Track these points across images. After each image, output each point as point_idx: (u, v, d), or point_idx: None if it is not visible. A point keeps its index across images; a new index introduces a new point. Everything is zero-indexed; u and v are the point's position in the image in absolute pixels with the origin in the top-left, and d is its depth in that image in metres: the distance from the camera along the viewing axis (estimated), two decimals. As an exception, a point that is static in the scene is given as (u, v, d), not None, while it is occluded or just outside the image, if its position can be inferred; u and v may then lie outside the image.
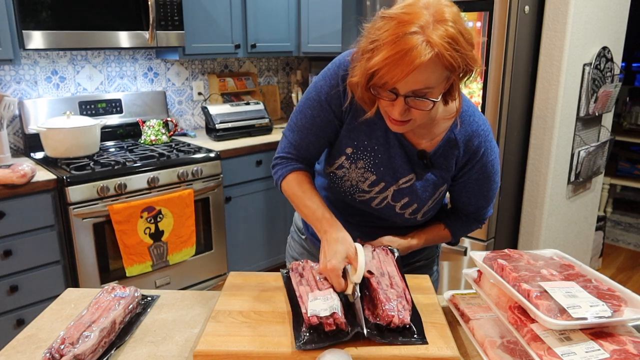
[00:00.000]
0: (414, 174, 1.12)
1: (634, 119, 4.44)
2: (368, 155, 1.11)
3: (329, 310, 0.88)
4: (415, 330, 0.88)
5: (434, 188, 1.13)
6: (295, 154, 1.16)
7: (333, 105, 1.10)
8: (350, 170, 1.13)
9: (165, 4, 2.52)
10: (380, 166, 1.12)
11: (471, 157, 1.11)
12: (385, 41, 0.89)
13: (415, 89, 0.92)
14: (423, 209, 1.14)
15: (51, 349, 0.83)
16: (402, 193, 1.13)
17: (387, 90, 0.93)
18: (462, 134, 1.10)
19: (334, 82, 1.09)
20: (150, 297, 1.10)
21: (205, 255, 2.64)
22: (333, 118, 1.11)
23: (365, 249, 1.07)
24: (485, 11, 2.05)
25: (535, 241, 2.39)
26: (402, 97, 0.93)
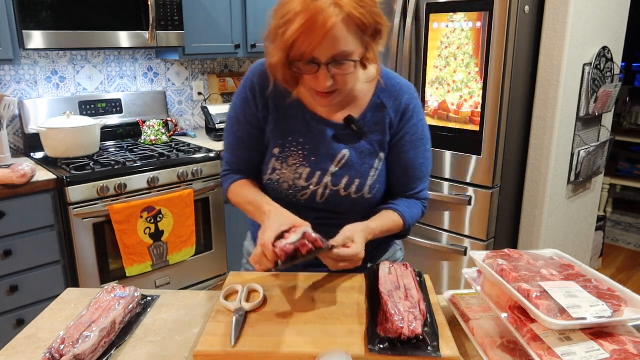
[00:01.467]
0: (347, 149, 1.12)
1: (634, 119, 4.44)
2: (295, 150, 1.13)
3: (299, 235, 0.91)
4: (429, 341, 0.85)
5: (371, 157, 1.13)
6: (233, 171, 1.22)
7: (248, 117, 1.15)
8: (283, 171, 1.14)
9: (165, 4, 2.52)
10: (311, 156, 1.13)
11: (403, 115, 1.14)
12: (295, 11, 0.92)
13: (334, 53, 0.95)
14: (367, 183, 1.13)
15: (51, 349, 0.83)
16: (341, 174, 1.12)
17: (308, 62, 0.96)
18: (388, 94, 1.13)
19: (244, 95, 1.15)
20: (150, 297, 1.10)
21: (205, 255, 2.64)
22: (251, 129, 1.16)
23: (382, 265, 1.08)
24: (485, 11, 2.05)
25: (535, 241, 2.39)
26: (324, 65, 0.96)
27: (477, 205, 2.27)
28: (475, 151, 2.22)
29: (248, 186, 1.18)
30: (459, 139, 2.25)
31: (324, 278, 1.11)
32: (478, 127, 2.18)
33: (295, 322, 0.94)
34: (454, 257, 2.40)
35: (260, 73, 1.13)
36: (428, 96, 2.32)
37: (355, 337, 0.89)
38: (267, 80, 1.12)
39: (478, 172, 2.23)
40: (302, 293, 1.05)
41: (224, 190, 1.23)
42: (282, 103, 1.13)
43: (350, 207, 1.15)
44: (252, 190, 1.17)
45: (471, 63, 2.15)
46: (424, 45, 2.29)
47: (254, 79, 1.14)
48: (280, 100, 1.13)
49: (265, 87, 1.13)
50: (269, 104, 1.13)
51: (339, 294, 1.04)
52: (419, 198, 1.21)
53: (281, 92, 1.12)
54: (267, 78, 1.12)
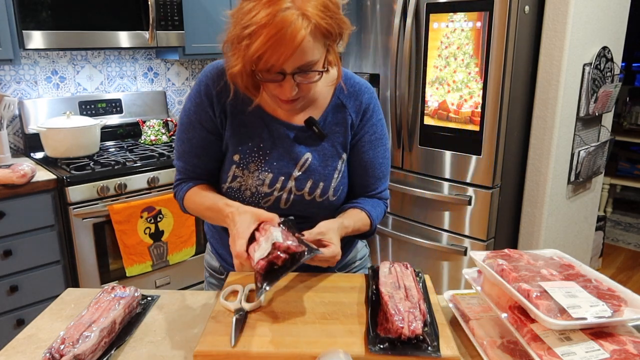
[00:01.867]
0: (309, 152, 1.11)
1: (634, 119, 4.44)
2: (256, 155, 1.10)
3: (269, 245, 0.87)
4: (429, 341, 0.85)
5: (334, 159, 1.12)
6: (186, 179, 1.16)
7: (204, 122, 1.10)
8: (245, 178, 1.10)
9: (165, 4, 2.52)
10: (273, 161, 1.10)
11: (363, 114, 1.13)
12: (260, 23, 0.87)
13: (301, 64, 0.92)
14: (332, 185, 1.12)
15: (51, 349, 0.83)
16: (304, 178, 1.10)
17: (274, 72, 0.93)
18: (348, 94, 1.12)
19: (198, 99, 1.09)
20: (150, 297, 1.10)
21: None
22: (207, 134, 1.11)
23: (382, 265, 1.07)
24: (485, 11, 2.05)
25: (535, 241, 2.39)
26: (290, 75, 0.93)
27: (477, 205, 2.27)
28: (475, 151, 2.22)
29: (204, 191, 1.12)
30: (459, 139, 2.25)
31: (324, 278, 1.11)
32: (478, 127, 2.18)
33: (295, 322, 0.94)
34: (454, 257, 2.40)
35: (215, 76, 1.09)
36: (428, 96, 2.32)
37: (355, 337, 0.89)
38: (223, 84, 1.08)
39: (478, 172, 2.23)
40: (302, 293, 1.05)
41: (179, 200, 1.16)
42: (240, 107, 1.09)
43: (316, 211, 1.13)
44: (208, 194, 1.11)
45: (471, 63, 2.15)
46: (424, 45, 2.29)
47: (209, 82, 1.09)
48: (238, 104, 1.09)
49: (221, 91, 1.08)
50: (226, 109, 1.09)
51: (339, 294, 1.04)
52: (381, 198, 1.20)
53: (239, 97, 1.09)
54: (223, 82, 1.08)
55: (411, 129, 2.41)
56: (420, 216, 2.49)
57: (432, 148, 2.36)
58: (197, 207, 1.12)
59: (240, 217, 0.97)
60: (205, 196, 1.11)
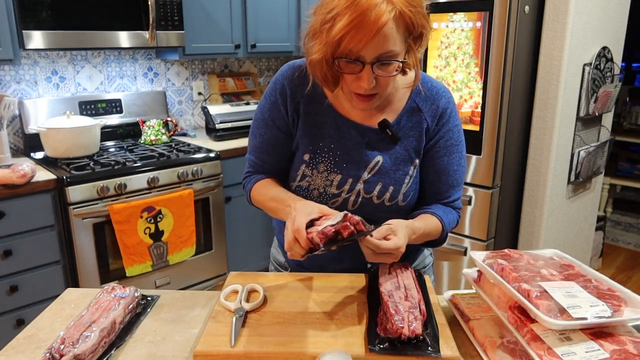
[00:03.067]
0: (380, 155, 1.09)
1: (634, 119, 4.44)
2: (326, 156, 1.09)
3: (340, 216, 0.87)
4: (429, 341, 0.85)
5: (405, 163, 1.10)
6: (255, 172, 1.19)
7: (276, 120, 1.12)
8: (313, 177, 1.10)
9: (165, 4, 2.52)
10: (342, 162, 1.09)
11: (440, 119, 1.10)
12: (344, 6, 0.88)
13: (380, 52, 0.91)
14: (401, 190, 1.10)
15: (51, 349, 0.83)
16: (374, 180, 1.09)
17: (352, 59, 0.92)
18: (425, 98, 1.10)
19: (273, 98, 1.11)
20: (150, 297, 1.10)
21: (205, 255, 2.64)
22: (279, 133, 1.12)
23: (381, 265, 1.07)
24: (485, 11, 2.05)
25: (535, 241, 2.39)
26: (369, 64, 0.92)
27: (477, 205, 2.27)
28: (475, 151, 2.22)
29: (273, 184, 1.14)
30: (459, 139, 2.25)
31: (324, 278, 1.11)
32: (478, 127, 2.18)
33: (295, 322, 0.94)
34: (454, 257, 2.40)
35: (291, 76, 1.10)
36: (428, 96, 2.32)
37: (355, 337, 0.89)
38: (298, 84, 1.09)
39: (478, 172, 2.23)
40: (302, 293, 1.05)
41: (247, 190, 1.18)
42: (313, 108, 1.10)
43: (384, 215, 1.09)
44: (276, 187, 1.12)
45: (471, 63, 2.15)
46: (424, 45, 2.29)
47: (285, 81, 1.10)
48: (311, 104, 1.10)
49: (296, 91, 1.09)
50: (299, 109, 1.10)
51: (339, 294, 1.04)
52: (454, 207, 1.16)
53: (312, 96, 1.10)
54: (298, 82, 1.09)
55: (411, 129, 2.41)
56: (420, 216, 2.49)
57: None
58: (261, 198, 1.13)
59: (303, 205, 0.97)
60: (273, 188, 1.12)
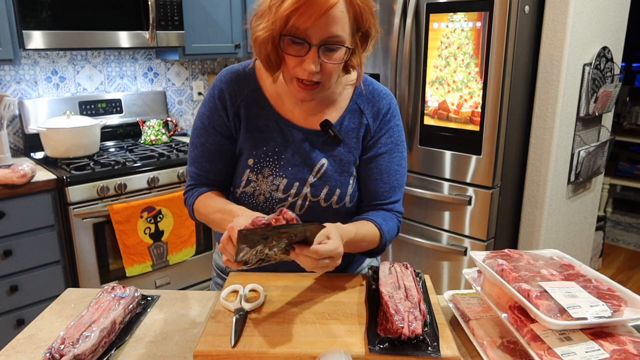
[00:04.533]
0: (325, 158, 1.09)
1: (634, 119, 4.44)
2: (271, 160, 1.08)
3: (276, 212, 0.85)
4: (429, 341, 0.85)
5: (349, 165, 1.10)
6: (198, 185, 1.14)
7: (217, 126, 1.10)
8: (259, 182, 1.08)
9: (165, 4, 2.52)
10: (288, 166, 1.08)
11: (381, 119, 1.11)
12: None
13: (328, 35, 0.92)
14: (348, 192, 1.10)
15: (51, 349, 0.83)
16: (320, 184, 1.08)
17: (299, 39, 0.92)
18: (366, 100, 1.11)
19: (212, 104, 1.10)
20: (150, 297, 1.10)
21: (205, 255, 2.64)
22: (221, 139, 1.10)
23: (382, 265, 1.06)
24: (485, 11, 2.05)
25: (535, 241, 2.39)
26: (316, 47, 0.92)
27: (477, 205, 2.27)
28: (475, 151, 2.22)
29: (217, 196, 1.11)
30: (459, 139, 2.25)
31: (324, 278, 1.11)
32: (478, 127, 2.18)
33: (295, 322, 0.94)
34: (454, 257, 2.40)
35: (229, 80, 1.09)
36: (428, 96, 2.32)
37: (355, 337, 0.89)
38: (237, 88, 1.09)
39: (478, 172, 2.23)
40: (302, 293, 1.05)
41: (189, 205, 1.14)
42: (254, 111, 1.09)
43: (332, 218, 1.06)
44: (222, 199, 1.09)
45: (471, 63, 2.15)
46: (424, 45, 2.29)
47: (223, 86, 1.09)
48: (252, 108, 1.09)
49: (235, 95, 1.08)
50: (240, 112, 1.08)
51: (339, 294, 1.04)
52: (394, 211, 1.14)
53: (253, 100, 1.09)
54: (237, 86, 1.09)
55: (411, 129, 2.41)
56: (420, 216, 2.49)
57: (432, 148, 2.35)
58: (206, 210, 1.09)
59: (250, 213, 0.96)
60: (218, 199, 1.09)
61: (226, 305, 0.98)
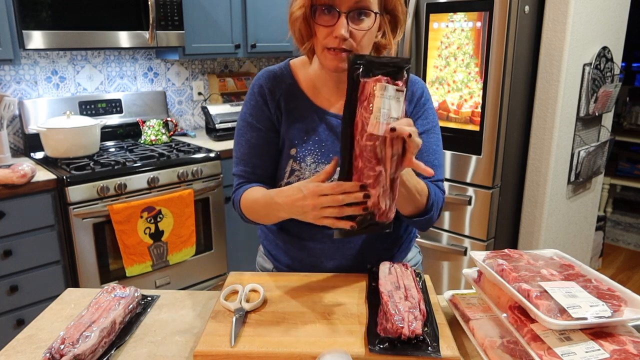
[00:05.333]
0: None
1: (634, 119, 4.44)
2: (312, 148, 1.11)
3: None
4: (429, 341, 0.85)
5: None
6: (245, 182, 1.15)
7: (261, 121, 1.13)
8: (302, 171, 1.11)
9: (165, 4, 2.52)
10: (329, 152, 1.10)
11: (417, 103, 1.15)
12: None
13: (355, 1, 0.97)
14: None
15: (51, 349, 0.83)
16: None
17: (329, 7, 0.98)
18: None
19: (253, 101, 1.14)
20: (150, 297, 1.10)
21: (205, 255, 2.64)
22: (266, 132, 1.13)
23: (382, 265, 1.06)
24: (485, 11, 2.05)
25: (535, 241, 2.39)
26: (345, 14, 0.97)
27: (477, 205, 2.27)
28: (475, 151, 2.22)
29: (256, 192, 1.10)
30: (459, 139, 2.25)
31: (324, 278, 1.12)
32: (478, 127, 2.18)
33: (295, 322, 0.94)
34: (454, 257, 2.40)
35: (267, 78, 1.14)
36: (428, 96, 2.32)
37: (355, 337, 0.89)
38: (275, 84, 1.13)
39: (478, 172, 2.23)
40: (302, 293, 1.05)
41: (236, 203, 1.14)
42: (293, 104, 1.13)
43: None
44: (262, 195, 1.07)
45: (471, 63, 2.15)
46: (424, 45, 2.29)
47: (262, 82, 1.14)
48: (290, 101, 1.13)
49: (274, 90, 1.13)
50: (280, 105, 1.13)
51: (339, 294, 1.04)
52: (438, 187, 1.16)
53: (291, 94, 1.13)
54: (275, 82, 1.13)
55: (411, 129, 2.41)
56: (420, 216, 2.48)
57: (432, 148, 2.35)
58: (253, 205, 1.09)
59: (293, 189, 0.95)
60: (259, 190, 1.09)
61: (226, 305, 0.98)
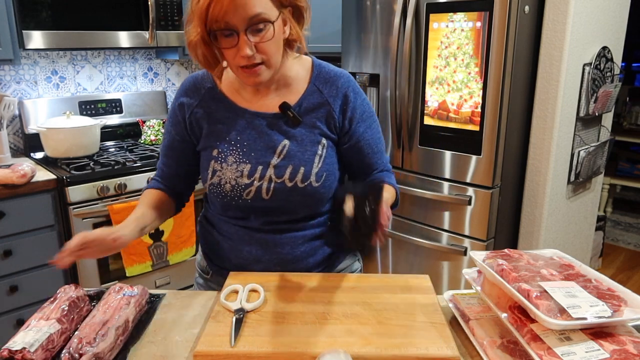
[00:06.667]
0: (286, 139, 1.11)
1: (634, 119, 4.44)
2: (233, 148, 1.12)
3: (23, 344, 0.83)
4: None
5: (312, 144, 1.12)
6: (161, 175, 1.23)
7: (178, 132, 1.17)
8: (224, 171, 1.11)
9: (165, 3, 2.52)
10: (250, 151, 1.11)
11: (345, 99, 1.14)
12: None
13: (249, 16, 0.94)
14: (313, 170, 1.10)
15: (69, 348, 0.83)
16: (284, 164, 1.10)
17: (226, 32, 0.96)
18: (324, 82, 1.14)
19: (172, 112, 1.18)
20: (157, 295, 1.11)
21: (205, 255, 2.64)
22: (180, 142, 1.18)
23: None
24: (485, 11, 2.05)
25: (535, 241, 2.39)
26: (243, 32, 0.95)
27: (477, 205, 2.27)
28: (475, 151, 2.22)
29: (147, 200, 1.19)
30: (459, 139, 2.25)
31: (324, 278, 1.12)
32: (478, 127, 2.18)
33: (295, 322, 0.94)
34: (454, 257, 2.40)
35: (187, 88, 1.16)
36: (428, 96, 2.32)
37: (355, 337, 0.89)
38: (194, 91, 1.15)
39: (478, 172, 2.23)
40: (302, 293, 1.05)
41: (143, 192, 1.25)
42: (214, 107, 1.14)
43: (300, 199, 1.11)
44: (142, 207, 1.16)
45: (471, 63, 2.15)
46: (424, 45, 2.29)
47: (181, 96, 1.17)
48: (211, 104, 1.14)
49: (192, 100, 1.15)
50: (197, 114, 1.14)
51: (339, 294, 1.04)
52: (387, 170, 1.24)
53: (212, 97, 1.14)
54: (194, 89, 1.15)
55: (411, 129, 2.41)
56: (420, 216, 2.49)
57: (432, 148, 2.35)
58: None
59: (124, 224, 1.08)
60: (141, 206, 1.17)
61: (226, 305, 0.98)
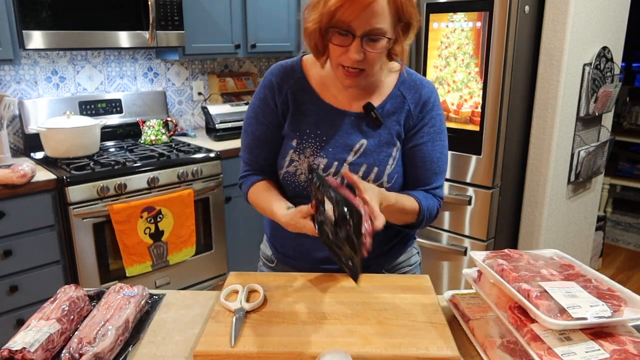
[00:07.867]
0: (364, 138, 1.14)
1: (634, 119, 4.44)
2: (313, 141, 1.14)
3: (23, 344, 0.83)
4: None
5: (389, 146, 1.14)
6: (252, 170, 1.25)
7: (265, 115, 1.18)
8: (300, 162, 1.15)
9: (165, 4, 2.52)
10: (328, 147, 1.14)
11: (423, 107, 1.16)
12: None
13: (370, 28, 0.98)
14: (386, 171, 1.13)
15: (70, 348, 0.83)
16: (359, 162, 1.13)
17: (344, 31, 0.99)
18: (408, 87, 1.16)
19: (261, 94, 1.19)
20: (157, 295, 1.11)
21: (205, 255, 2.64)
22: (268, 127, 1.19)
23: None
24: (485, 11, 2.05)
25: (535, 241, 2.39)
26: (359, 37, 0.99)
27: (477, 205, 2.27)
28: (475, 151, 2.22)
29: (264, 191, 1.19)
30: (459, 139, 2.25)
31: (324, 278, 1.12)
32: (478, 127, 2.18)
33: (295, 322, 0.94)
34: (454, 257, 2.40)
35: (278, 72, 1.18)
36: (428, 96, 2.32)
37: (355, 337, 0.89)
38: (285, 77, 1.17)
39: (478, 172, 2.23)
40: (302, 293, 1.05)
41: (244, 193, 1.25)
42: (300, 98, 1.16)
43: None
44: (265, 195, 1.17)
45: (471, 63, 2.15)
46: (424, 45, 2.29)
47: (273, 78, 1.18)
48: (298, 95, 1.16)
49: (283, 84, 1.17)
50: (287, 100, 1.16)
51: (339, 294, 1.04)
52: (435, 195, 1.19)
53: (300, 88, 1.16)
54: (285, 76, 1.17)
55: (411, 129, 2.41)
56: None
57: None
58: (259, 207, 1.20)
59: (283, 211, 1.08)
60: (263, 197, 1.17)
61: (226, 305, 0.98)
